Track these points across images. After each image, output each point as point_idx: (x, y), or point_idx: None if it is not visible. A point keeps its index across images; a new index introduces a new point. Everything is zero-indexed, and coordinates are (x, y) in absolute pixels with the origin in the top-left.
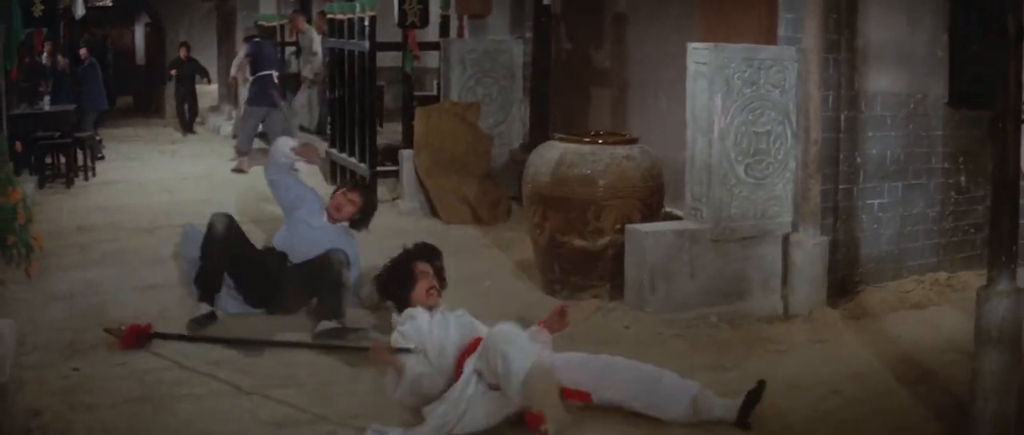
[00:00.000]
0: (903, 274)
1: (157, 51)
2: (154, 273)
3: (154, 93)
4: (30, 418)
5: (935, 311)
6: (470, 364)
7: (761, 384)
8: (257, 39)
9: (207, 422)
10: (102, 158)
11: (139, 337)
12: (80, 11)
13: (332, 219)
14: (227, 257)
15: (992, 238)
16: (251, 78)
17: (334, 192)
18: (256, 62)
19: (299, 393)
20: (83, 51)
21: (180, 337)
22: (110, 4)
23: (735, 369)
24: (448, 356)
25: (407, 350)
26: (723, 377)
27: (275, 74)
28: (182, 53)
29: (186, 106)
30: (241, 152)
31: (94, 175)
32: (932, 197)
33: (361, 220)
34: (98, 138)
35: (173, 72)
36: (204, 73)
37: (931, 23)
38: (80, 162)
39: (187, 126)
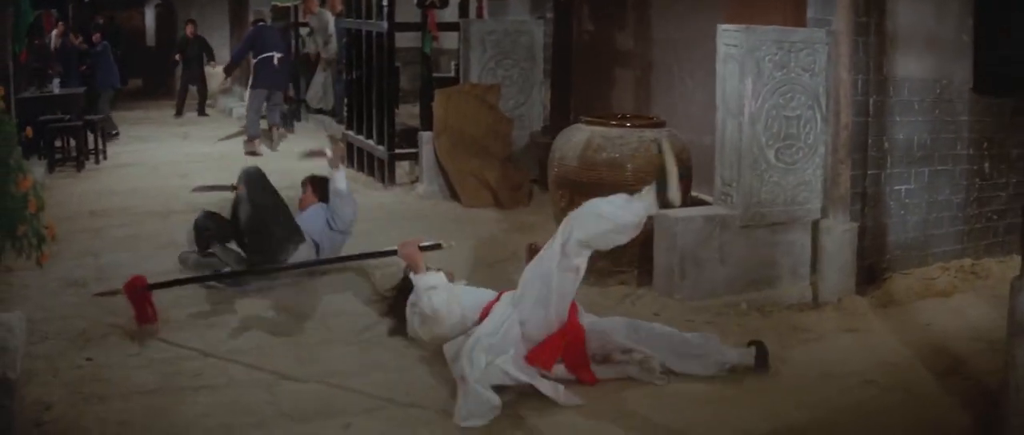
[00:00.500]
0: (928, 261)
1: (168, 33)
2: (169, 259)
3: (165, 75)
4: (41, 411)
5: (960, 298)
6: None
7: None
8: (261, 22)
9: (226, 414)
10: (116, 135)
11: (137, 291)
12: None
13: (302, 208)
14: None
15: None
16: (255, 61)
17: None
18: (257, 45)
19: (319, 384)
20: (97, 36)
21: (175, 282)
22: None
23: None
24: (470, 309)
25: (436, 246)
26: None
27: (276, 56)
28: (189, 30)
29: (194, 88)
30: (251, 136)
31: (105, 158)
32: (957, 183)
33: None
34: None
35: (177, 56)
36: (211, 54)
37: (957, 7)
38: (91, 145)
39: (198, 109)
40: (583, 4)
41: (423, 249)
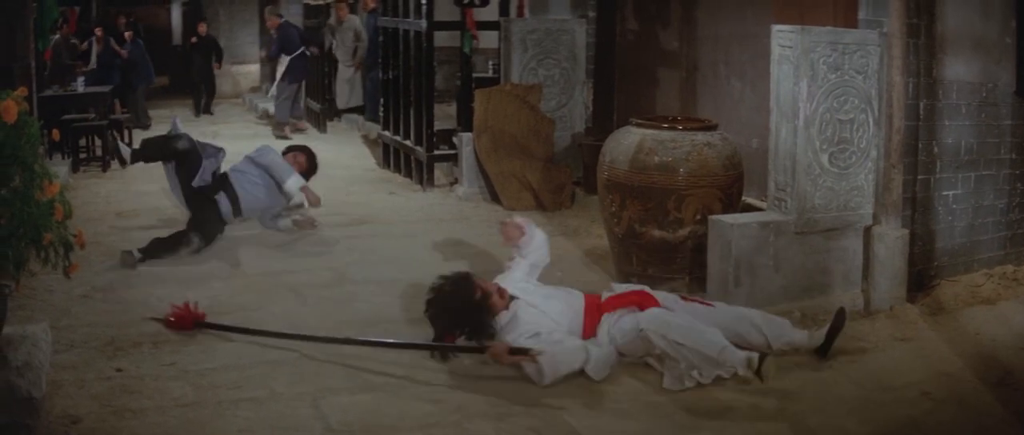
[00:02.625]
0: (973, 267)
1: (194, 31)
2: (199, 262)
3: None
4: (68, 426)
5: (1005, 306)
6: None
7: (841, 312)
8: (283, 20)
9: (269, 430)
10: (148, 127)
11: (188, 320)
12: None
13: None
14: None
15: None
16: (288, 57)
17: (285, 152)
18: (287, 43)
19: (368, 397)
20: (129, 34)
21: (229, 328)
22: None
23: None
24: (571, 318)
25: (525, 351)
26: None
27: (307, 51)
28: (201, 29)
29: (203, 86)
30: (281, 123)
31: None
32: (1001, 188)
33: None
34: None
35: (193, 39)
36: (220, 55)
37: (1001, 8)
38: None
39: (203, 108)
40: (627, 2)
41: (512, 352)
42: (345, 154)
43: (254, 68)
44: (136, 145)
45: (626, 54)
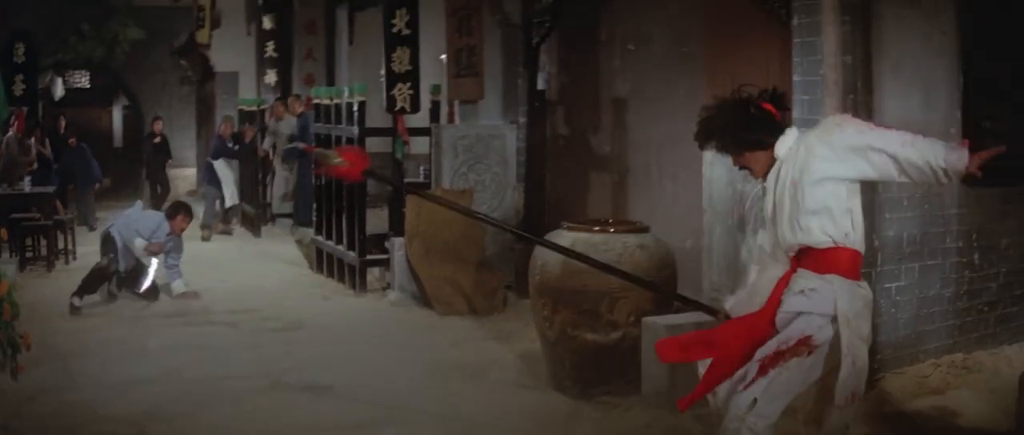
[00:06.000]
0: (920, 358)
1: (135, 133)
2: (142, 366)
3: (133, 175)
4: None
5: (954, 395)
6: None
7: None
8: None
9: None
10: (94, 230)
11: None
12: (59, 92)
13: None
14: None
15: None
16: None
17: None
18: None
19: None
20: (73, 141)
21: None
22: (88, 86)
23: None
24: None
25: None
26: None
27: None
28: (157, 127)
29: (157, 186)
30: (205, 226)
31: (74, 259)
32: (948, 277)
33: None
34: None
35: (155, 125)
36: (169, 153)
37: (946, 102)
38: (61, 245)
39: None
40: (557, 107)
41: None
42: (279, 258)
43: (191, 172)
44: (80, 242)
45: (557, 158)
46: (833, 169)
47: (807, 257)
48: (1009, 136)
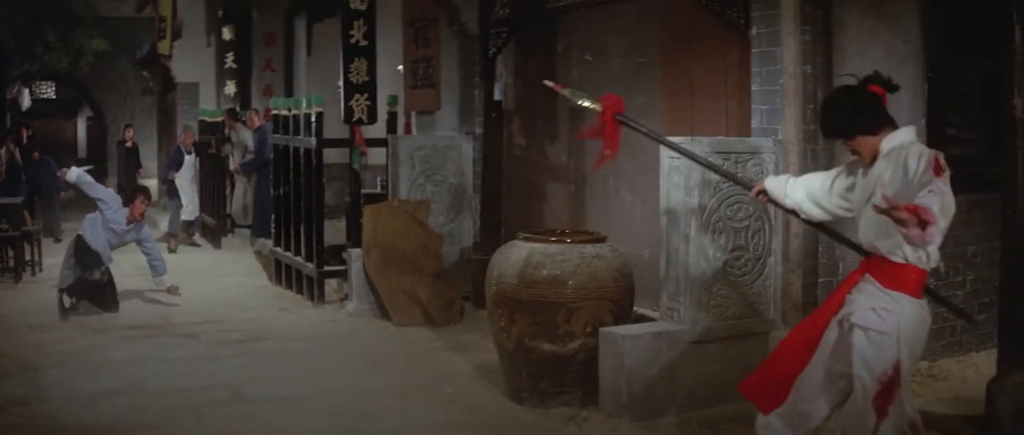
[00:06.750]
0: None
1: (99, 144)
2: (107, 379)
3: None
4: None
5: (921, 404)
6: None
7: None
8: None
9: None
10: (60, 241)
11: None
12: (26, 102)
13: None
14: None
15: (1002, 330)
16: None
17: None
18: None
19: None
20: (36, 154)
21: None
22: (53, 96)
23: None
24: None
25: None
26: None
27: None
28: (128, 134)
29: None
30: (171, 235)
31: (41, 271)
32: None
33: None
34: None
35: (126, 132)
36: (139, 162)
37: (910, 109)
38: (28, 257)
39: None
40: (513, 118)
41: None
42: (238, 269)
43: (151, 183)
44: (47, 254)
45: (514, 169)
46: (906, 195)
47: (879, 268)
48: (975, 143)
